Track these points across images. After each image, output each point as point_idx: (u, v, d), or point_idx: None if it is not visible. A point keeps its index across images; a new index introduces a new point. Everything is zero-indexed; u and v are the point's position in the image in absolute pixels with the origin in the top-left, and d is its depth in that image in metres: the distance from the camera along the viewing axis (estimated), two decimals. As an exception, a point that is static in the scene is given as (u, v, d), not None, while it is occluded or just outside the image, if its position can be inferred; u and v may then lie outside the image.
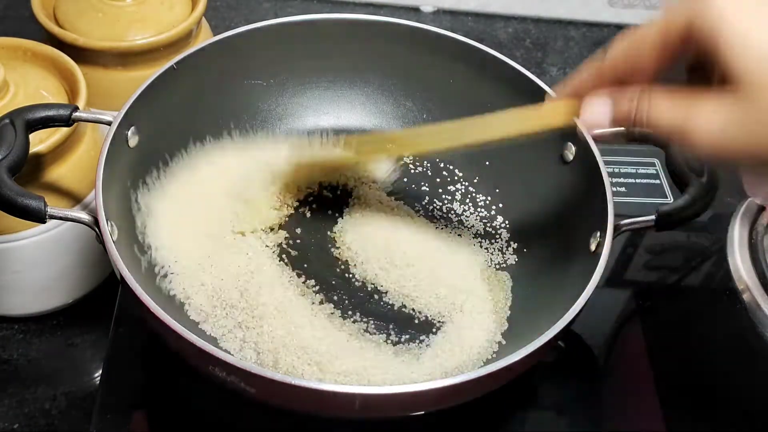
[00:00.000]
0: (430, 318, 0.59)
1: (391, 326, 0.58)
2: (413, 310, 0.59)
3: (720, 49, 0.39)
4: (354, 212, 0.65)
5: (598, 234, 0.56)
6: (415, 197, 0.68)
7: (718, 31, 0.39)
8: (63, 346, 0.66)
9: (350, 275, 0.61)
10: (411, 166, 0.70)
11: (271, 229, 0.63)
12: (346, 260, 0.62)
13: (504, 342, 0.58)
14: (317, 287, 0.60)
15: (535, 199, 0.65)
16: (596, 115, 0.45)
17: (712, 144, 0.39)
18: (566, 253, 0.59)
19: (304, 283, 0.60)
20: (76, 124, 0.58)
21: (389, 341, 0.57)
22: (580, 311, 0.50)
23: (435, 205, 0.67)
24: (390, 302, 0.60)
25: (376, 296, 0.60)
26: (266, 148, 0.68)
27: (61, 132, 0.58)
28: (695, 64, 0.44)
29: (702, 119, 0.39)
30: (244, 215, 0.62)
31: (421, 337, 0.58)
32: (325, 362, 0.54)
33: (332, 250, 0.63)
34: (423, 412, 0.49)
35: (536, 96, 0.64)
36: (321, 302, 0.59)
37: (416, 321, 0.59)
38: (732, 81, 0.39)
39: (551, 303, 0.55)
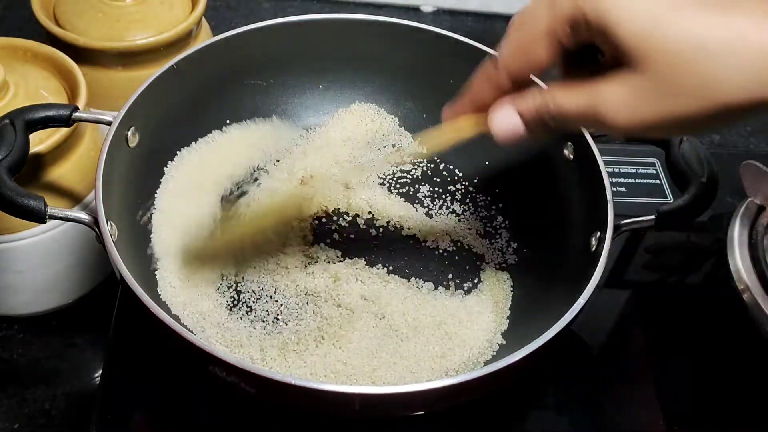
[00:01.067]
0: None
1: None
2: (413, 310, 0.59)
3: (610, 29, 0.39)
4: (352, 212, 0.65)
5: (598, 234, 0.56)
6: (415, 197, 0.68)
7: (605, 11, 0.39)
8: (63, 346, 0.66)
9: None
10: (411, 166, 0.70)
11: (279, 229, 0.63)
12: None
13: (504, 342, 0.58)
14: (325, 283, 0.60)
15: (535, 199, 0.65)
16: (507, 124, 0.45)
17: (625, 121, 0.40)
18: (566, 253, 0.59)
19: (312, 274, 0.60)
20: (76, 124, 0.58)
21: (389, 341, 0.57)
22: (580, 311, 0.50)
23: (435, 204, 0.67)
24: (390, 302, 0.60)
25: (376, 296, 0.60)
26: (266, 145, 0.68)
27: (61, 132, 0.58)
28: (579, 55, 0.44)
29: (610, 100, 0.40)
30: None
31: (421, 337, 0.58)
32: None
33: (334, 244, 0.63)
34: (423, 412, 0.49)
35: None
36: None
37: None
38: (628, 57, 0.39)
39: (551, 303, 0.55)
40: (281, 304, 0.58)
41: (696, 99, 0.38)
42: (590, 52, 0.44)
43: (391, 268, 0.62)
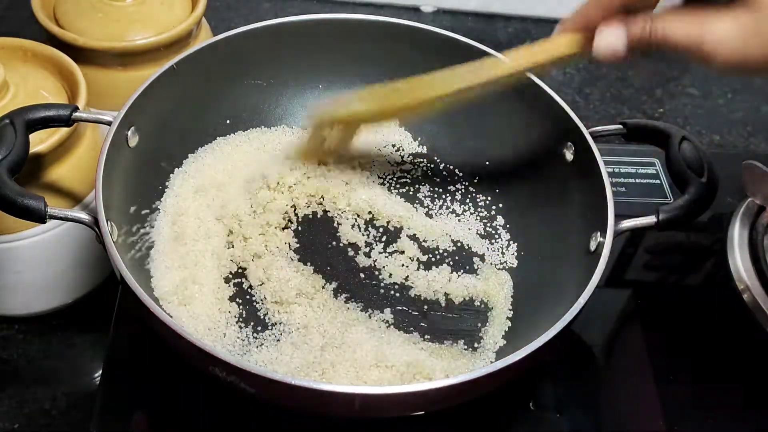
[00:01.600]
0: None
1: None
2: (413, 310, 0.59)
3: None
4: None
5: (598, 234, 0.56)
6: (415, 197, 0.68)
7: None
8: (63, 346, 0.66)
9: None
10: (411, 165, 0.70)
11: (280, 229, 0.63)
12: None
13: (504, 342, 0.58)
14: (325, 283, 0.60)
15: (535, 199, 0.65)
16: (611, 43, 0.46)
17: (732, 55, 0.41)
18: (566, 253, 0.59)
19: (313, 274, 0.61)
20: (76, 124, 0.58)
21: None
22: (580, 311, 0.50)
23: (435, 204, 0.67)
24: (390, 302, 0.60)
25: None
26: (266, 144, 0.69)
27: (61, 132, 0.58)
28: None
29: (718, 33, 0.41)
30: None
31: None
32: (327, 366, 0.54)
33: (334, 244, 0.63)
34: (423, 412, 0.49)
35: (536, 96, 0.64)
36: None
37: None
38: None
39: (551, 303, 0.55)
40: (279, 305, 0.58)
41: None
42: None
43: (391, 268, 0.62)
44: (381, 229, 0.65)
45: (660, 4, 0.46)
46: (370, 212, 0.65)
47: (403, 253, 0.63)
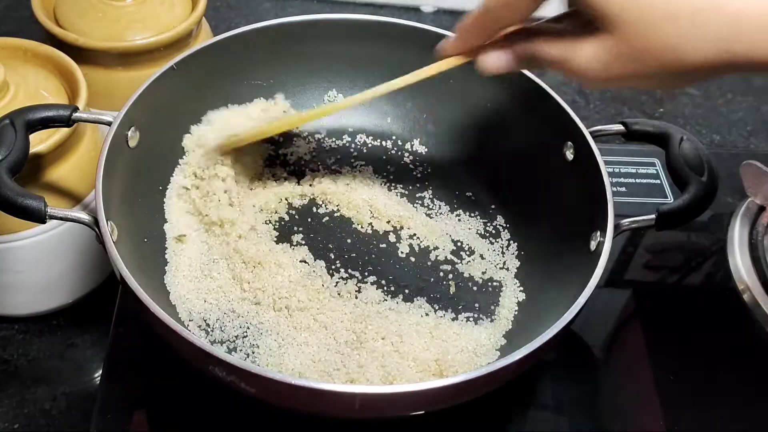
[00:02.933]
0: (430, 318, 0.59)
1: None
2: (413, 310, 0.59)
3: None
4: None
5: (598, 234, 0.56)
6: (415, 197, 0.68)
7: None
8: (63, 346, 0.66)
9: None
10: (411, 166, 0.70)
11: (281, 229, 0.63)
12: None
13: (504, 342, 0.58)
14: (321, 280, 0.60)
15: (535, 199, 0.65)
16: (495, 62, 0.51)
17: (597, 74, 0.45)
18: (566, 253, 0.59)
19: (313, 274, 0.61)
20: (76, 124, 0.58)
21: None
22: (580, 311, 0.50)
23: (435, 204, 0.67)
24: (390, 302, 0.60)
25: (376, 296, 0.60)
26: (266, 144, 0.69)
27: (61, 132, 0.58)
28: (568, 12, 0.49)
29: (584, 56, 0.45)
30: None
31: (421, 337, 0.58)
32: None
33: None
34: (423, 412, 0.49)
35: (536, 96, 0.64)
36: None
37: (416, 321, 0.59)
38: (602, 21, 0.43)
39: (551, 303, 0.55)
40: (280, 304, 0.58)
41: (661, 62, 0.43)
42: None
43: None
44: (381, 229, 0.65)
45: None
46: (370, 212, 0.65)
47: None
